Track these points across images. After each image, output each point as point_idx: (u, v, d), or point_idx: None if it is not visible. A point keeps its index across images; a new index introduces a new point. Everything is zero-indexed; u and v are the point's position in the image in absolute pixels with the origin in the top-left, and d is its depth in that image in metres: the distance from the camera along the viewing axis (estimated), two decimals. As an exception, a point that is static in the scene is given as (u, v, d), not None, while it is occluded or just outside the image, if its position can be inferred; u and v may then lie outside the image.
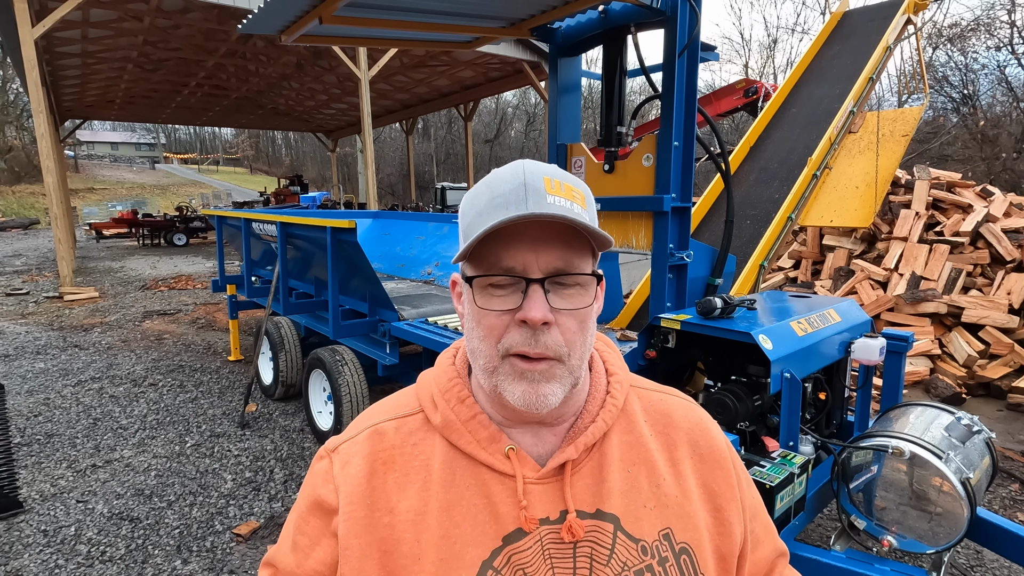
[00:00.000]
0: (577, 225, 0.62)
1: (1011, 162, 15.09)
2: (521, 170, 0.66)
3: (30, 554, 2.92)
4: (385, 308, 3.95)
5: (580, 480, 0.69)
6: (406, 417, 0.74)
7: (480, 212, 0.65)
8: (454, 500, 0.67)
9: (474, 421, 0.70)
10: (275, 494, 3.50)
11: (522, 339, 0.64)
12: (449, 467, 0.69)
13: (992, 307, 5.12)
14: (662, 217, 2.77)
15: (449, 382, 0.74)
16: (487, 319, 0.65)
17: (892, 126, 4.89)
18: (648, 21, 2.79)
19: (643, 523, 0.68)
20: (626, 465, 0.71)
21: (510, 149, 39.53)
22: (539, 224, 0.63)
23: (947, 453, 1.88)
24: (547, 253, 0.63)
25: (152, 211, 26.48)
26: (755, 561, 0.78)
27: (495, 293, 0.65)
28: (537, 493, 0.68)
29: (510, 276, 0.64)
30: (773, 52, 36.85)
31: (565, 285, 0.65)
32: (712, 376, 2.44)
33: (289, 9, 2.45)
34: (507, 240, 0.63)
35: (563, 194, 0.64)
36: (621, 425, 0.73)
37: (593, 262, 0.68)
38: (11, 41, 12.24)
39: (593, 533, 0.67)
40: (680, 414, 0.77)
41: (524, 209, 0.61)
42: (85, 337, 7.40)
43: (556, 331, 0.64)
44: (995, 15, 16.36)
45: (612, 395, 0.74)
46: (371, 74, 13.50)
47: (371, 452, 0.70)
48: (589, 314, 0.67)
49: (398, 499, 0.68)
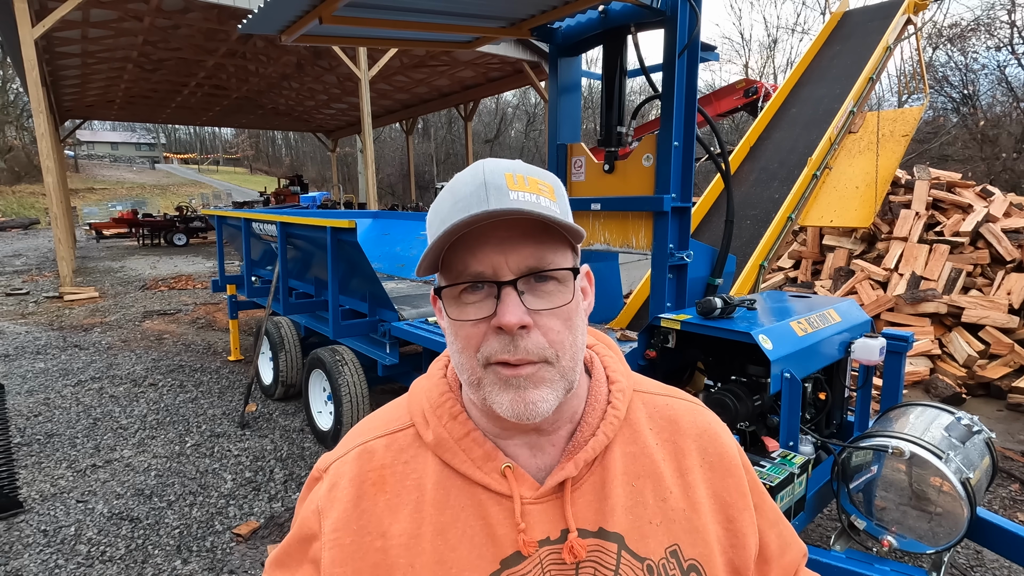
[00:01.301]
0: (542, 218, 0.58)
1: (1011, 162, 15.09)
2: (481, 170, 0.62)
3: (30, 554, 2.92)
4: (385, 308, 3.95)
5: (581, 497, 0.66)
6: (396, 433, 0.70)
7: (444, 219, 0.60)
8: (449, 522, 0.64)
9: (468, 439, 0.66)
10: (275, 494, 3.50)
11: (500, 346, 0.60)
12: (443, 487, 0.65)
13: (992, 307, 5.12)
14: (662, 217, 2.77)
15: (441, 397, 0.70)
16: (463, 330, 0.62)
17: (892, 126, 4.89)
18: (648, 21, 2.79)
19: (649, 540, 0.65)
20: (630, 479, 0.67)
21: (510, 149, 39.52)
22: (505, 223, 0.59)
23: (947, 453, 1.88)
24: (516, 253, 0.60)
25: (152, 211, 26.46)
26: (784, 566, 0.76)
27: (468, 301, 0.61)
28: (536, 513, 0.64)
29: (480, 281, 0.60)
30: (773, 52, 36.89)
31: (541, 283, 0.61)
32: (712, 376, 2.44)
33: (289, 9, 2.45)
34: (472, 245, 0.60)
35: (528, 188, 0.61)
36: (624, 436, 0.69)
37: (572, 256, 0.64)
38: (11, 41, 12.24)
39: (596, 553, 0.64)
40: (688, 420, 0.73)
41: (485, 207, 0.58)
42: (85, 337, 7.40)
43: (537, 334, 0.60)
44: (995, 15, 16.37)
45: (613, 405, 0.70)
46: (371, 74, 13.50)
47: (359, 473, 0.67)
48: (573, 311, 0.63)
49: (390, 522, 0.64)
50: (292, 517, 0.94)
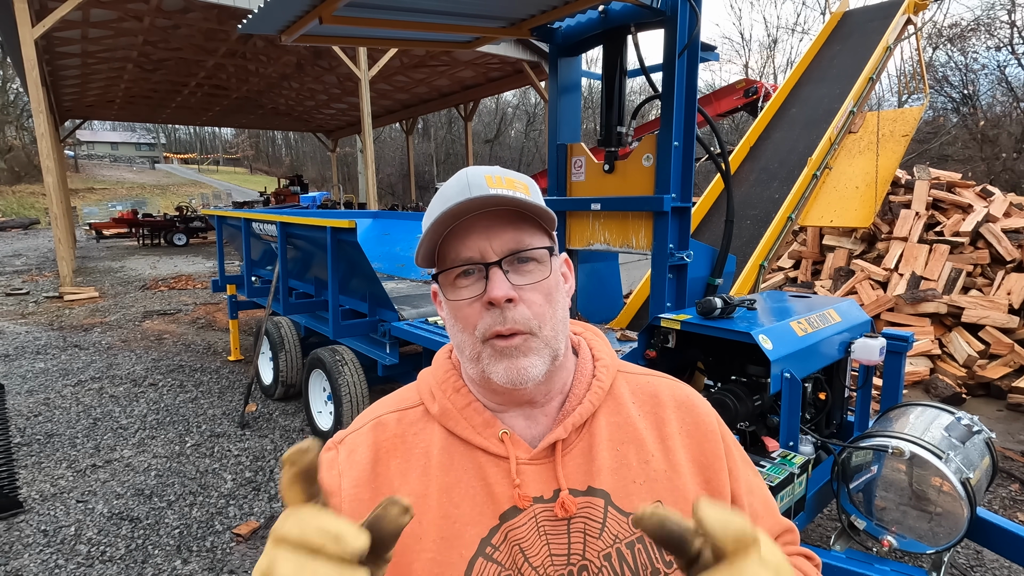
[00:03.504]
0: (516, 202, 0.68)
1: (1011, 162, 15.09)
2: (464, 174, 0.72)
3: (30, 554, 2.92)
4: (385, 308, 3.95)
5: (571, 460, 0.72)
6: (407, 410, 0.78)
7: (433, 218, 0.70)
8: (453, 483, 0.71)
9: (469, 408, 0.74)
10: (275, 494, 3.50)
11: (493, 320, 0.68)
12: (447, 452, 0.72)
13: (992, 307, 5.12)
14: (662, 217, 2.77)
15: (445, 374, 0.78)
16: (461, 310, 0.71)
17: (892, 126, 4.89)
18: (648, 21, 2.79)
19: (633, 498, 0.71)
20: (615, 444, 0.74)
21: (510, 149, 39.52)
22: (488, 215, 0.69)
23: (947, 453, 1.88)
24: (499, 237, 0.69)
25: (152, 211, 26.47)
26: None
27: (462, 284, 0.70)
28: (530, 473, 0.71)
29: (470, 264, 0.69)
30: (773, 52, 36.84)
31: (522, 262, 0.70)
32: (712, 376, 2.44)
33: (289, 9, 2.45)
34: (461, 235, 0.70)
35: (504, 186, 0.70)
36: (609, 407, 0.77)
37: (548, 240, 0.73)
38: (11, 41, 12.24)
39: (585, 509, 0.70)
40: (667, 393, 0.80)
41: (467, 196, 0.67)
42: (85, 337, 7.40)
43: (523, 307, 0.69)
44: (995, 15, 16.38)
45: (598, 378, 0.77)
46: (371, 74, 13.50)
47: (375, 441, 0.74)
48: (552, 287, 0.72)
49: (401, 483, 0.71)
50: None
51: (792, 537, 0.84)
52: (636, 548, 0.70)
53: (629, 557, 0.69)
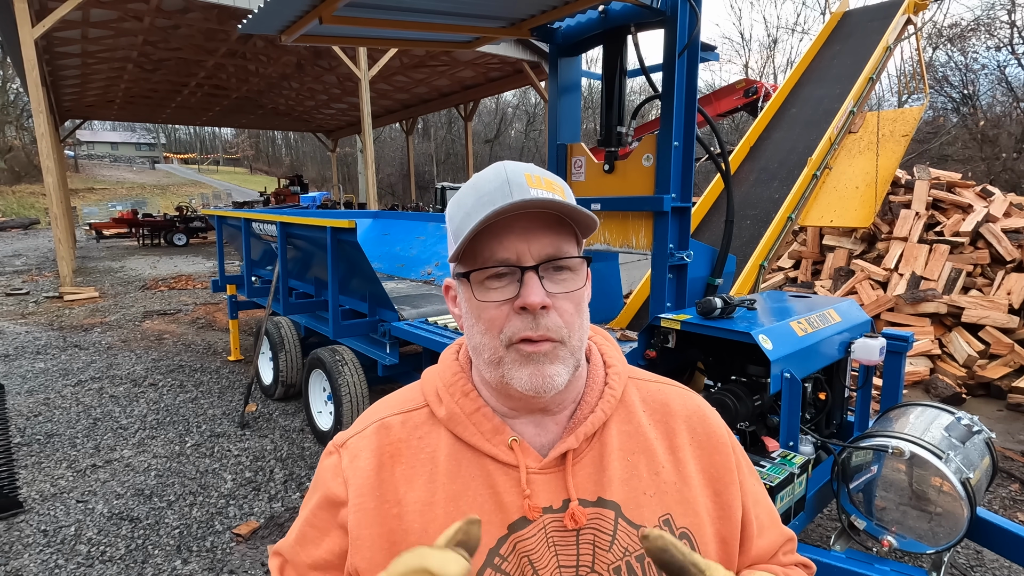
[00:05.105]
0: (565, 208, 0.65)
1: (1011, 162, 15.09)
2: (503, 169, 0.69)
3: (30, 554, 2.92)
4: (385, 308, 3.95)
5: (581, 469, 0.71)
6: (411, 412, 0.75)
7: (468, 212, 0.67)
8: (460, 491, 0.69)
9: (478, 414, 0.72)
10: (275, 494, 3.50)
11: (523, 325, 0.66)
12: (455, 459, 0.70)
13: (992, 307, 5.12)
14: (662, 217, 2.77)
15: (453, 376, 0.76)
16: (487, 312, 0.68)
17: (892, 126, 4.89)
18: (648, 21, 2.79)
19: (643, 510, 0.70)
20: (626, 454, 0.72)
21: (510, 149, 39.51)
22: (527, 216, 0.66)
23: (947, 453, 1.88)
24: (537, 241, 0.66)
25: (152, 211, 26.44)
26: (760, 547, 0.79)
27: (492, 286, 0.67)
28: (540, 483, 0.69)
29: (506, 266, 0.66)
30: (773, 52, 36.87)
31: (557, 270, 0.68)
32: (712, 376, 2.44)
33: (289, 9, 2.45)
34: (498, 234, 0.66)
35: (544, 187, 0.67)
36: (620, 415, 0.75)
37: (578, 248, 0.71)
38: (11, 41, 12.24)
39: (595, 520, 0.68)
40: (678, 403, 0.79)
41: (511, 200, 0.64)
42: (85, 337, 7.40)
43: (555, 314, 0.67)
44: (995, 15, 16.37)
45: (610, 386, 0.76)
46: (371, 74, 13.51)
47: (379, 446, 0.72)
48: (583, 296, 0.71)
49: (406, 491, 0.69)
50: (292, 517, 0.94)
51: (792, 546, 0.84)
52: (646, 562, 0.68)
53: (639, 571, 0.68)
